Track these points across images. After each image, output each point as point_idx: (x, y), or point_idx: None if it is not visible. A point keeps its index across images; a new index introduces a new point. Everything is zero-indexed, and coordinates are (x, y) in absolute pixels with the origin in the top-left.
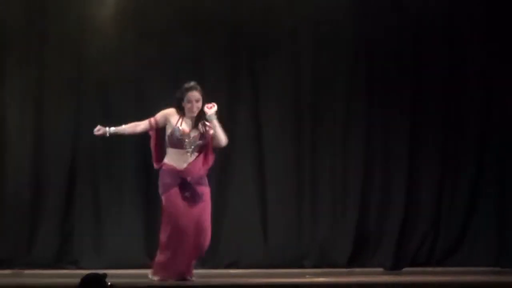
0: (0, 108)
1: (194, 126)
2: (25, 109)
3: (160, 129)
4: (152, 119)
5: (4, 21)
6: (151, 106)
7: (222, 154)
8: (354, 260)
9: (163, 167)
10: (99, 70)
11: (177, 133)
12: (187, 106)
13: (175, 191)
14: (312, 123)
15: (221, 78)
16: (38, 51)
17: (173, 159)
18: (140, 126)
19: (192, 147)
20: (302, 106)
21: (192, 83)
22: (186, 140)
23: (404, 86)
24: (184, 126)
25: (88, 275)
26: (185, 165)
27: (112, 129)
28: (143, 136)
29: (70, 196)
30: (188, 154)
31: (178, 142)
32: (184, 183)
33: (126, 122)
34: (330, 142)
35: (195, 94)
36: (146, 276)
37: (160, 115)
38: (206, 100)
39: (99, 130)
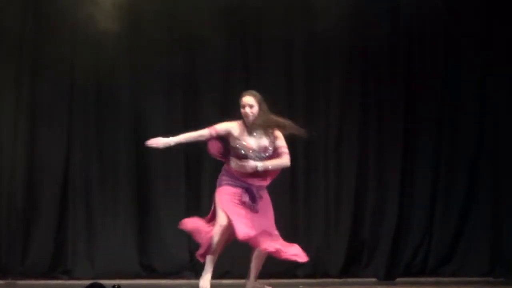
0: None
1: (259, 137)
2: (17, 120)
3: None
4: (213, 131)
5: None
6: (144, 118)
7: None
8: (347, 270)
9: (227, 167)
10: (92, 82)
11: (240, 150)
12: (242, 111)
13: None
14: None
15: (214, 89)
16: (30, 62)
17: (238, 166)
18: (198, 136)
19: (257, 159)
20: (295, 114)
21: (249, 90)
22: (251, 152)
23: (399, 96)
24: (248, 139)
25: (93, 284)
26: (248, 175)
27: (172, 140)
28: (136, 145)
29: (63, 206)
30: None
31: (243, 155)
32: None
33: (118, 135)
34: (324, 152)
35: (248, 99)
36: (139, 285)
37: (221, 127)
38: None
39: (156, 142)
